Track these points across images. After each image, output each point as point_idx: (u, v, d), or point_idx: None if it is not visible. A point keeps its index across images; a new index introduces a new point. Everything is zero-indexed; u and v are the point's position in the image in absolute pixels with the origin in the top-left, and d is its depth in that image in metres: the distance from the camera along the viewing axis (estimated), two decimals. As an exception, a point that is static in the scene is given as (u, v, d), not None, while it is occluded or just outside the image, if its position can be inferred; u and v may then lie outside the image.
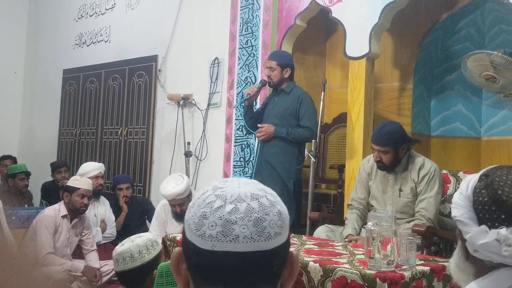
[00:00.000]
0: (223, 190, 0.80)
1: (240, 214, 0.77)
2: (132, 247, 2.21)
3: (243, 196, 0.79)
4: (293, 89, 3.92)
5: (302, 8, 4.32)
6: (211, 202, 0.79)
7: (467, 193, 1.14)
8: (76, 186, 3.83)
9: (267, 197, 0.80)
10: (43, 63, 7.34)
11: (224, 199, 0.78)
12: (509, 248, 1.03)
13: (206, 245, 0.77)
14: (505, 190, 1.08)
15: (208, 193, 0.81)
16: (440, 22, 4.32)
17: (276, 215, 0.79)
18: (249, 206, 0.78)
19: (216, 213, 0.77)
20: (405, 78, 4.48)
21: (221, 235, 0.76)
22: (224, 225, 0.76)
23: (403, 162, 3.20)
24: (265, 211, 0.78)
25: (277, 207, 0.80)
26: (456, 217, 1.14)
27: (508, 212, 1.06)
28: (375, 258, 2.21)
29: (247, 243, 0.76)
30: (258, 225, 0.77)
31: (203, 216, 0.78)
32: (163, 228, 4.03)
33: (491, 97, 4.46)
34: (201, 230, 0.77)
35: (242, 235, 0.76)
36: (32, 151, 7.22)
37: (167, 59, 5.52)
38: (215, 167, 4.88)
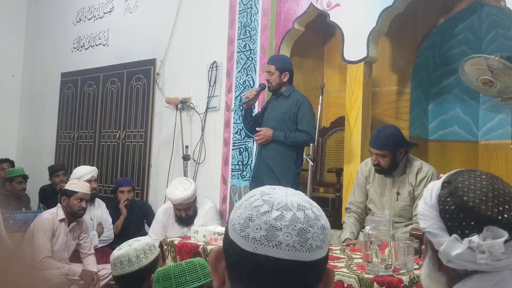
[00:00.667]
0: (271, 197, 0.81)
1: (285, 222, 0.78)
2: (130, 251, 2.21)
3: (289, 205, 0.80)
4: (291, 93, 3.92)
5: (300, 12, 4.33)
6: (258, 206, 0.80)
7: (432, 203, 1.11)
8: (74, 189, 3.83)
9: (313, 210, 0.82)
10: (42, 67, 7.33)
11: (271, 205, 0.80)
12: (484, 256, 1.01)
13: (249, 247, 0.78)
14: (470, 195, 1.05)
15: (256, 197, 0.82)
16: (438, 26, 4.33)
17: (319, 229, 0.80)
18: (295, 215, 0.79)
19: (262, 217, 0.79)
20: (403, 82, 4.49)
21: (264, 239, 0.77)
22: (269, 230, 0.78)
23: (401, 166, 3.20)
24: (309, 223, 0.80)
25: (321, 221, 0.82)
26: (425, 228, 1.10)
27: (477, 218, 1.03)
28: (373, 262, 2.21)
29: (289, 251, 0.77)
30: (302, 235, 0.78)
31: (249, 218, 0.80)
32: (163, 232, 4.03)
33: (488, 101, 4.48)
34: (245, 231, 0.79)
35: (285, 242, 0.77)
36: (30, 154, 7.21)
37: (165, 62, 5.52)
38: (213, 170, 4.88)
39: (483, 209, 1.03)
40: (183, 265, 1.92)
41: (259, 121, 4.00)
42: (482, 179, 1.09)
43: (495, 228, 1.01)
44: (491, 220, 1.02)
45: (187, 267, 1.90)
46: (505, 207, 1.03)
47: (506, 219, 1.02)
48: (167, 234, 3.96)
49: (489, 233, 1.01)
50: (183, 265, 1.92)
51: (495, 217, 1.02)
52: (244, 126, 4.04)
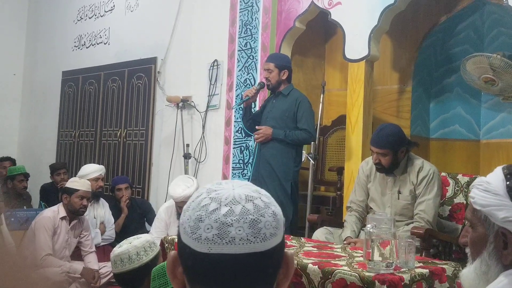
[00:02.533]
0: (218, 193, 0.80)
1: (235, 216, 0.77)
2: (130, 249, 2.21)
3: (237, 198, 0.79)
4: (291, 92, 3.93)
5: (301, 11, 4.33)
6: (206, 205, 0.79)
7: (502, 193, 1.16)
8: (75, 187, 3.83)
9: (261, 198, 0.81)
10: (43, 65, 7.34)
11: (219, 202, 0.79)
12: None
13: (203, 248, 0.77)
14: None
15: (203, 196, 0.81)
16: (439, 25, 4.32)
17: (271, 216, 0.79)
18: (244, 208, 0.78)
19: (211, 216, 0.78)
20: (404, 81, 4.48)
21: (217, 237, 0.76)
22: (220, 228, 0.77)
23: (402, 165, 3.20)
24: (260, 212, 0.79)
25: (271, 208, 0.81)
26: (508, 218, 1.14)
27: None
28: (374, 261, 2.21)
29: (243, 244, 0.76)
30: (254, 226, 0.77)
31: (198, 219, 0.78)
32: (165, 230, 4.03)
33: (490, 100, 4.47)
34: (197, 233, 0.78)
35: (238, 237, 0.76)
36: (31, 152, 7.21)
37: (166, 61, 5.52)
38: (214, 169, 4.88)
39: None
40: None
41: (258, 119, 4.00)
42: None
43: None
44: None
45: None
46: None
47: None
48: (169, 232, 3.97)
49: None
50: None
51: None
52: (244, 124, 4.04)
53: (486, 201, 1.18)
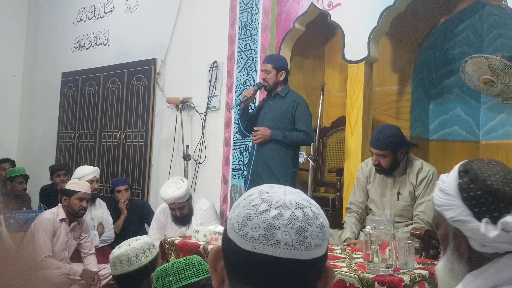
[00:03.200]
0: (269, 195, 0.81)
1: (284, 220, 0.78)
2: (129, 250, 2.21)
3: (288, 203, 0.80)
4: (288, 93, 3.95)
5: (301, 12, 4.33)
6: (257, 205, 0.80)
7: (453, 192, 1.14)
8: (75, 189, 3.83)
9: (311, 208, 0.81)
10: (42, 66, 7.34)
11: (270, 204, 0.80)
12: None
13: (247, 246, 0.78)
14: (493, 179, 1.09)
15: (254, 196, 0.82)
16: (439, 26, 4.33)
17: (318, 227, 0.80)
18: (293, 214, 0.79)
19: (260, 216, 0.79)
20: (404, 82, 4.48)
21: (263, 238, 0.77)
22: (267, 229, 0.77)
23: (402, 166, 3.20)
24: (308, 221, 0.79)
25: (320, 219, 0.81)
26: (453, 218, 1.13)
27: (505, 199, 1.07)
28: (374, 262, 2.21)
29: (287, 250, 0.77)
30: (300, 234, 0.78)
31: (247, 217, 0.79)
32: (163, 232, 4.04)
33: (489, 101, 4.47)
34: (244, 230, 0.79)
35: (284, 241, 0.77)
36: (30, 154, 7.21)
37: (166, 62, 5.52)
38: (214, 170, 4.88)
39: (507, 190, 1.07)
40: (182, 262, 1.92)
41: (254, 120, 4.01)
42: (493, 165, 1.13)
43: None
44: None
45: (185, 264, 1.91)
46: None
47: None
48: (166, 233, 3.97)
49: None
50: (182, 262, 1.92)
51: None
52: (241, 125, 4.04)
53: (439, 200, 1.18)
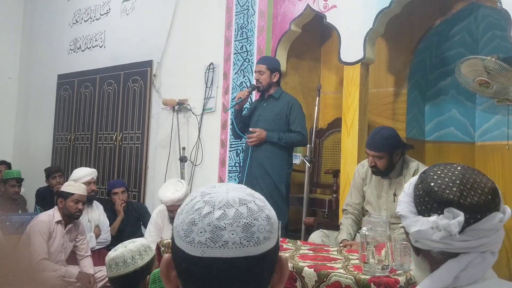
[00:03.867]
0: (211, 196, 0.80)
1: (229, 220, 0.77)
2: (125, 252, 2.20)
3: (231, 201, 0.79)
4: (281, 95, 3.99)
5: (297, 14, 4.34)
6: (200, 208, 0.79)
7: (408, 191, 1.21)
8: (71, 191, 3.82)
9: (255, 202, 0.80)
10: (38, 68, 7.32)
11: (213, 205, 0.78)
12: (439, 233, 1.09)
13: (196, 252, 0.77)
14: (438, 182, 1.15)
15: (197, 199, 0.81)
16: (434, 28, 4.34)
17: (264, 220, 0.79)
18: (238, 211, 0.78)
19: (205, 220, 0.77)
20: (400, 84, 4.49)
21: (210, 241, 0.76)
22: (213, 231, 0.76)
23: (398, 167, 3.20)
24: (253, 216, 0.78)
25: (265, 211, 0.80)
26: (398, 212, 1.20)
27: (439, 201, 1.12)
28: (370, 263, 2.21)
29: (236, 248, 0.76)
30: (247, 230, 0.77)
31: (192, 222, 0.78)
32: (159, 234, 4.03)
33: (485, 102, 4.49)
34: (190, 236, 0.77)
35: (231, 240, 0.76)
36: (26, 156, 7.19)
37: (162, 64, 5.52)
38: (210, 172, 4.88)
39: (446, 193, 1.12)
40: None
41: (247, 122, 4.02)
42: (456, 169, 1.17)
43: (455, 210, 1.10)
44: (452, 202, 1.11)
45: None
46: (471, 192, 1.11)
47: (468, 203, 1.10)
48: (162, 235, 3.96)
49: (449, 214, 1.10)
50: None
51: (456, 200, 1.11)
52: (235, 126, 4.04)
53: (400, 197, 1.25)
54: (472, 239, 1.10)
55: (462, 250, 1.11)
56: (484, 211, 1.10)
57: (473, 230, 1.10)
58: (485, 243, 1.11)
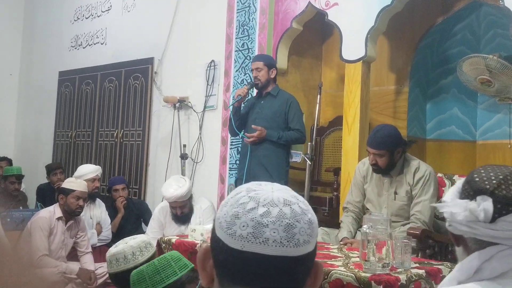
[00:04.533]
0: (257, 193, 0.81)
1: (272, 218, 0.78)
2: (126, 249, 2.20)
3: (276, 200, 0.80)
4: (279, 92, 4.01)
5: (298, 11, 4.33)
6: (244, 203, 0.80)
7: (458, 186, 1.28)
8: (72, 188, 3.82)
9: (299, 204, 0.81)
10: (39, 65, 7.32)
11: (257, 202, 0.80)
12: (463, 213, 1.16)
13: (236, 245, 0.78)
14: (482, 175, 1.21)
15: (242, 194, 0.82)
16: (436, 26, 4.33)
17: (306, 223, 0.80)
18: (281, 211, 0.79)
19: (248, 214, 0.79)
20: (401, 82, 4.49)
21: (251, 236, 0.77)
22: (256, 227, 0.77)
23: (399, 165, 3.20)
24: (296, 218, 0.79)
25: (308, 215, 0.81)
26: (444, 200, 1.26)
27: (475, 189, 1.18)
28: (370, 261, 2.21)
29: (276, 247, 0.77)
30: (289, 231, 0.78)
31: (235, 215, 0.79)
32: (161, 231, 4.03)
33: (486, 101, 4.48)
34: (232, 229, 0.79)
35: (272, 238, 0.77)
36: (27, 153, 7.19)
37: (163, 61, 5.52)
38: (211, 169, 4.88)
39: (485, 183, 1.18)
40: (156, 264, 1.87)
41: (244, 119, 4.02)
42: (507, 169, 1.22)
43: (486, 197, 1.15)
44: (486, 191, 1.16)
45: (160, 265, 1.86)
46: (509, 187, 1.16)
47: (503, 195, 1.15)
48: (164, 232, 3.96)
49: (481, 201, 1.15)
50: (156, 264, 1.87)
51: (491, 190, 1.16)
52: (234, 124, 4.03)
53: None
54: (502, 229, 1.14)
55: (490, 239, 1.15)
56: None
57: (504, 221, 1.13)
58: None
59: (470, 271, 1.14)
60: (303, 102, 4.88)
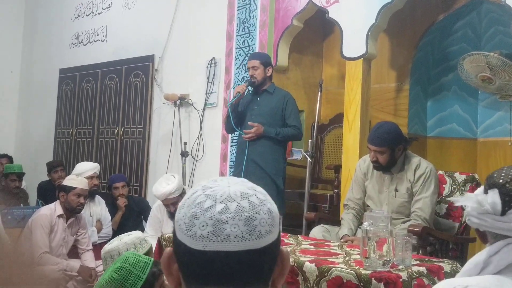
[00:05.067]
0: (213, 190, 0.80)
1: (230, 213, 0.77)
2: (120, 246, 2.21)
3: (233, 195, 0.79)
4: (275, 90, 4.04)
5: (299, 9, 4.33)
6: (201, 202, 0.79)
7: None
8: (72, 185, 3.82)
9: (257, 195, 0.80)
10: (40, 62, 7.32)
11: (214, 199, 0.78)
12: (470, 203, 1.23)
13: (197, 245, 0.77)
14: (502, 172, 1.27)
15: (198, 193, 0.81)
16: (437, 23, 4.32)
17: (266, 213, 0.79)
18: (240, 205, 0.78)
19: (206, 213, 0.77)
20: (402, 79, 4.48)
21: (212, 235, 0.76)
22: (215, 225, 0.76)
23: (399, 162, 3.20)
24: (255, 209, 0.78)
25: (267, 205, 0.80)
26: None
27: (490, 183, 1.25)
28: (371, 258, 2.21)
29: (238, 242, 0.76)
30: (249, 224, 0.77)
31: (193, 216, 0.78)
32: (159, 228, 4.04)
33: (487, 98, 4.48)
34: (192, 230, 0.77)
35: (233, 234, 0.76)
36: (28, 150, 7.20)
37: (164, 59, 5.51)
38: (212, 167, 4.88)
39: (499, 178, 1.24)
40: (115, 277, 1.75)
41: (240, 117, 4.02)
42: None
43: (495, 190, 1.22)
44: (497, 185, 1.23)
45: (121, 277, 1.75)
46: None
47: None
48: (162, 230, 3.97)
49: (491, 193, 1.22)
50: (115, 277, 1.75)
51: (502, 184, 1.22)
52: (232, 121, 4.02)
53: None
54: (511, 222, 1.18)
55: (502, 232, 1.19)
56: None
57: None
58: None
59: (478, 266, 1.18)
60: (303, 100, 4.88)
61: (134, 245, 2.21)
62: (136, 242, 2.23)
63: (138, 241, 2.24)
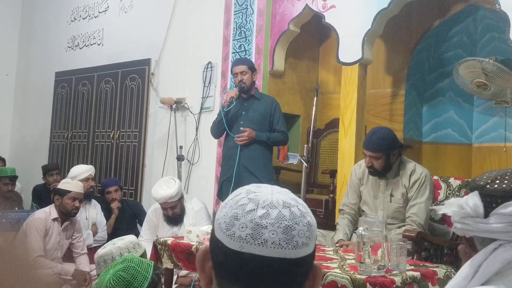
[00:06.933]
0: (256, 195, 0.81)
1: (271, 219, 0.78)
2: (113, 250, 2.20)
3: (275, 203, 0.80)
4: (262, 95, 4.10)
5: (295, 14, 4.34)
6: (244, 204, 0.80)
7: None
8: (67, 189, 3.81)
9: (298, 207, 0.81)
10: (36, 66, 7.31)
11: (257, 203, 0.80)
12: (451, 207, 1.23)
13: (235, 246, 0.78)
14: (484, 175, 1.25)
15: (241, 196, 0.82)
16: (433, 29, 4.35)
17: (305, 226, 0.80)
18: (281, 213, 0.79)
19: (247, 216, 0.79)
20: (397, 84, 4.50)
21: (250, 237, 0.77)
22: (254, 228, 0.78)
23: (395, 168, 3.20)
24: (295, 220, 0.79)
25: (307, 218, 0.81)
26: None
27: (471, 187, 1.25)
28: (366, 263, 2.21)
29: (274, 249, 0.77)
30: (287, 233, 0.78)
31: (234, 217, 0.80)
32: (154, 232, 4.04)
33: (482, 104, 4.49)
34: (231, 230, 0.79)
35: (271, 240, 0.77)
36: (23, 153, 7.18)
37: (160, 62, 5.51)
38: (207, 171, 4.87)
39: (481, 181, 1.23)
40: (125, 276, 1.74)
41: (229, 122, 4.02)
42: (504, 170, 1.25)
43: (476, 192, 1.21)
44: (478, 187, 1.22)
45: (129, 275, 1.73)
46: (502, 181, 1.20)
47: (493, 188, 1.19)
48: (158, 234, 3.96)
49: (472, 196, 1.21)
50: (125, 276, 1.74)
51: (482, 185, 1.21)
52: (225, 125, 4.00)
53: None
54: (495, 223, 1.16)
55: (487, 235, 1.17)
56: (508, 197, 1.17)
57: (496, 214, 1.16)
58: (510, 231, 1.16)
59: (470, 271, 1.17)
60: (299, 104, 4.90)
61: (128, 250, 2.21)
62: (129, 246, 2.22)
63: (131, 245, 2.23)
